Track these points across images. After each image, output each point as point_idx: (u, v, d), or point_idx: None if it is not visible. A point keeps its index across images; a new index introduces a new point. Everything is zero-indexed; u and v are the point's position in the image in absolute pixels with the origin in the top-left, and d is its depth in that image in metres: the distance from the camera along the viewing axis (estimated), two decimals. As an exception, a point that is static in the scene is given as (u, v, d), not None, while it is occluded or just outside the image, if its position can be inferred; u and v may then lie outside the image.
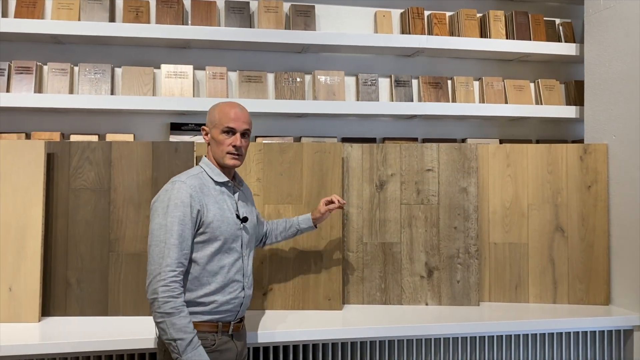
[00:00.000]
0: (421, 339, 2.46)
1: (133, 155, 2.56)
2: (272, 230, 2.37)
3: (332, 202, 2.33)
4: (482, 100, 3.13)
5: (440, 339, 2.48)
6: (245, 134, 1.98)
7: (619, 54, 2.70)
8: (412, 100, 3.04)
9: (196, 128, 2.91)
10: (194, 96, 2.88)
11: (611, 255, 2.75)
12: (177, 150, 2.57)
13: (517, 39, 3.06)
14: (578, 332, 2.59)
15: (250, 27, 2.90)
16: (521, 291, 2.80)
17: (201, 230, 1.89)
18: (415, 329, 2.39)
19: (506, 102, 3.16)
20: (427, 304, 2.73)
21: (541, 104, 3.17)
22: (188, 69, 2.82)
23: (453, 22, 3.11)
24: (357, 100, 3.01)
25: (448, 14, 3.14)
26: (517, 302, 2.80)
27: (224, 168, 1.99)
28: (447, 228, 2.73)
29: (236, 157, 1.96)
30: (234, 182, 2.04)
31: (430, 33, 3.08)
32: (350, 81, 3.08)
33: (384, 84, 3.11)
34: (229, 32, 2.79)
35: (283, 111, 2.86)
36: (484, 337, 2.53)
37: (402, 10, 3.11)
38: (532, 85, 3.23)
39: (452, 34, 3.11)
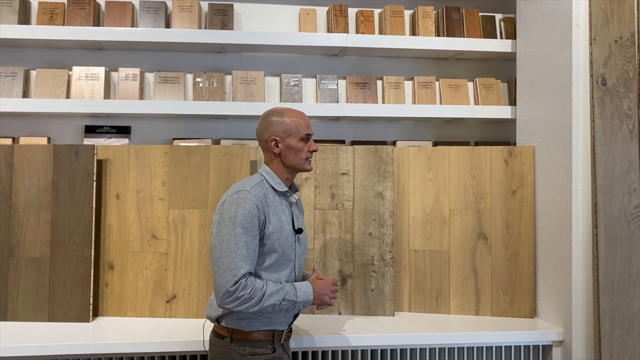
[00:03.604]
0: (327, 351, 2.40)
1: (34, 158, 2.57)
2: None
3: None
4: (414, 101, 3.02)
5: (348, 351, 2.42)
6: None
7: (546, 50, 2.58)
8: (337, 102, 2.96)
9: (111, 130, 2.89)
10: (108, 98, 2.85)
11: (537, 265, 2.62)
12: (77, 154, 2.57)
13: (448, 36, 2.95)
14: (501, 347, 2.48)
15: (167, 27, 2.86)
16: (442, 301, 2.69)
17: (263, 241, 1.92)
18: (326, 340, 2.36)
19: (440, 103, 3.04)
20: (340, 313, 2.65)
21: (478, 104, 3.04)
22: (100, 70, 2.81)
23: (381, 20, 3.01)
24: (281, 101, 2.94)
25: (377, 11, 3.05)
26: (438, 312, 2.71)
27: (288, 176, 2.02)
28: (362, 234, 2.65)
29: (310, 161, 2.04)
30: (291, 192, 2.06)
31: (357, 31, 3.00)
32: (275, 82, 3.02)
33: (310, 84, 3.04)
34: (141, 33, 2.78)
35: (200, 113, 2.82)
36: (396, 350, 2.44)
37: (327, 8, 3.03)
38: (470, 84, 3.11)
39: (381, 32, 3.01)
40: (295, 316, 2.05)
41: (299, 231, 2.02)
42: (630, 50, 2.34)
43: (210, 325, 2.06)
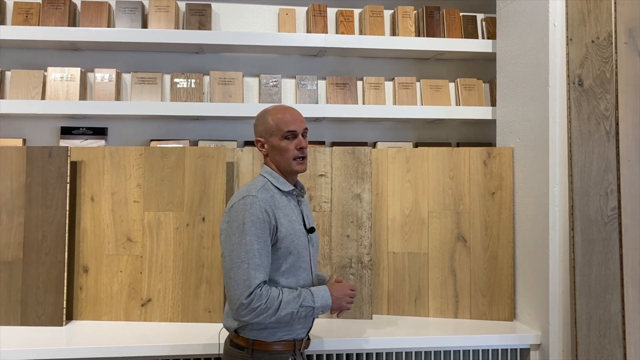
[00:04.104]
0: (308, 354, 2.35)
1: (7, 160, 2.55)
2: None
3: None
4: (395, 102, 3.00)
5: (323, 355, 2.40)
6: (304, 134, 1.92)
7: (524, 50, 2.57)
8: (317, 103, 2.94)
9: (87, 132, 2.86)
10: (84, 99, 2.83)
11: (516, 268, 2.59)
12: (51, 156, 2.54)
13: (428, 36, 2.93)
14: (478, 350, 2.45)
15: (143, 28, 2.84)
16: (421, 304, 2.67)
17: (276, 245, 1.83)
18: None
19: (421, 104, 3.02)
20: (317, 317, 2.61)
21: (460, 104, 3.02)
22: (75, 71, 2.79)
23: (361, 20, 2.99)
24: (260, 102, 2.91)
25: (357, 11, 3.03)
26: (417, 315, 2.68)
27: (287, 176, 1.92)
28: (340, 236, 2.63)
29: (302, 161, 1.90)
30: (296, 190, 1.97)
31: (337, 31, 2.97)
32: (254, 82, 2.99)
33: (289, 85, 3.02)
34: (116, 33, 2.76)
35: (177, 114, 2.79)
36: (372, 353, 2.41)
37: (307, 8, 3.00)
38: (452, 85, 3.08)
39: (361, 32, 2.99)
40: (313, 321, 1.97)
41: (311, 230, 1.94)
42: (607, 50, 2.31)
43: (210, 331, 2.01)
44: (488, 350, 2.46)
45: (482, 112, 2.96)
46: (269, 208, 1.81)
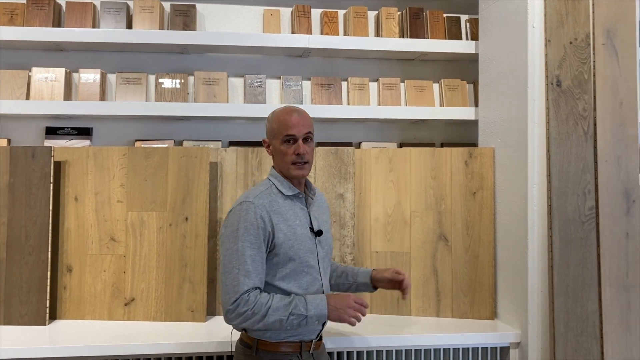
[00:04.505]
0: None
1: (-10, 160, 2.55)
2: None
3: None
4: (379, 102, 3.02)
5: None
6: (307, 138, 1.89)
7: (504, 51, 2.60)
8: (301, 103, 2.95)
9: (72, 132, 2.88)
10: (69, 99, 2.85)
11: (497, 267, 2.62)
12: (34, 156, 2.56)
13: (412, 37, 2.95)
14: (459, 349, 2.47)
15: (128, 28, 2.85)
16: (403, 303, 2.70)
17: (274, 251, 1.83)
18: None
19: (406, 104, 3.04)
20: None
21: (444, 105, 3.04)
22: (59, 71, 2.79)
23: (345, 21, 3.01)
24: (244, 102, 2.93)
25: (341, 12, 3.05)
26: (399, 314, 2.71)
27: (293, 179, 1.91)
28: (322, 236, 2.63)
29: (302, 166, 1.88)
30: (306, 192, 1.96)
31: (321, 32, 2.99)
32: (239, 82, 3.01)
33: (274, 85, 3.04)
34: (101, 34, 2.77)
35: (161, 114, 2.80)
36: (353, 352, 2.43)
37: (291, 9, 3.02)
38: (436, 85, 3.11)
39: (345, 32, 3.01)
40: (324, 324, 1.94)
41: (318, 233, 1.92)
42: (585, 51, 2.34)
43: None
44: (468, 348, 2.48)
45: (465, 113, 2.98)
46: (265, 214, 1.81)
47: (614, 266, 2.30)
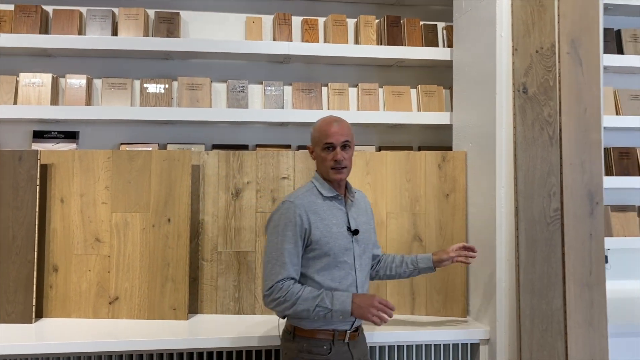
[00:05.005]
0: (272, 349, 2.45)
1: (-22, 163, 2.62)
2: (386, 259, 2.38)
3: (470, 249, 2.32)
4: (358, 107, 3.12)
5: (272, 350, 2.47)
6: (345, 146, 2.09)
7: (475, 59, 2.70)
8: (283, 107, 3.05)
9: (59, 136, 2.96)
10: (56, 104, 2.93)
11: (468, 266, 2.72)
12: (21, 159, 2.64)
13: (389, 44, 3.05)
14: (431, 345, 2.57)
15: (114, 35, 2.94)
16: (379, 301, 2.77)
17: (311, 247, 2.05)
18: (267, 340, 2.44)
19: (384, 109, 3.14)
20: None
21: (421, 110, 3.14)
22: (46, 77, 2.88)
23: (325, 28, 3.10)
24: (227, 107, 3.02)
25: (321, 19, 3.14)
26: (376, 312, 2.77)
27: (332, 182, 2.11)
28: (301, 237, 2.72)
29: (340, 170, 2.08)
30: (346, 194, 2.15)
31: (302, 39, 3.09)
32: (222, 87, 3.10)
33: (256, 90, 3.13)
34: (87, 41, 2.86)
35: (146, 118, 2.89)
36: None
37: (273, 16, 3.11)
38: (414, 91, 3.21)
39: (325, 40, 3.11)
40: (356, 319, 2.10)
41: (355, 232, 2.10)
42: (550, 59, 2.45)
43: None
44: (440, 345, 2.58)
45: (440, 118, 3.08)
46: (304, 213, 2.03)
47: (578, 265, 2.40)
